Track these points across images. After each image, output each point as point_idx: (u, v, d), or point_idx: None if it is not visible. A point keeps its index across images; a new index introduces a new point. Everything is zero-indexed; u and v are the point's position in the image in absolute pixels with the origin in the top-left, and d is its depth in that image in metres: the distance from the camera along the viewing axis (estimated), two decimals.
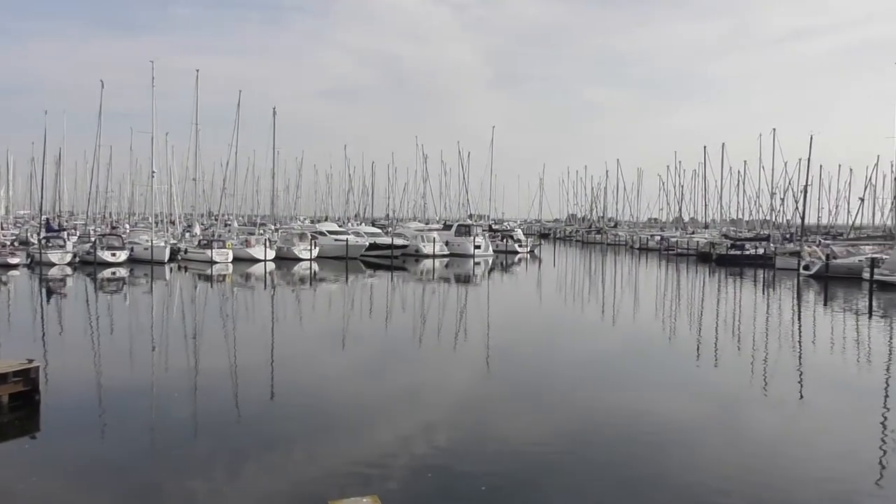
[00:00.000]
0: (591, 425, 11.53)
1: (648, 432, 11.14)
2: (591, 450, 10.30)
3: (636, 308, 29.42)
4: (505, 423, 11.62)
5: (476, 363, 16.84)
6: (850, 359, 18.82)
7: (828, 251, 43.30)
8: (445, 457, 9.85)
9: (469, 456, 9.91)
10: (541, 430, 11.19)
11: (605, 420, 11.83)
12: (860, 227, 67.71)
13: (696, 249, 61.19)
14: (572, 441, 10.71)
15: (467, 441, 10.58)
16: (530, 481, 8.98)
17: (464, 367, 16.49)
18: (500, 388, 14.22)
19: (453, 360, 17.55)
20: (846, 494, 8.77)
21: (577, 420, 11.83)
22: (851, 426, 11.88)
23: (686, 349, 19.54)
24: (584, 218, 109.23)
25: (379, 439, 10.56)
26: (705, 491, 8.77)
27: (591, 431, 11.18)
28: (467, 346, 19.52)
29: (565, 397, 13.41)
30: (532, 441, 10.62)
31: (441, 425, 11.41)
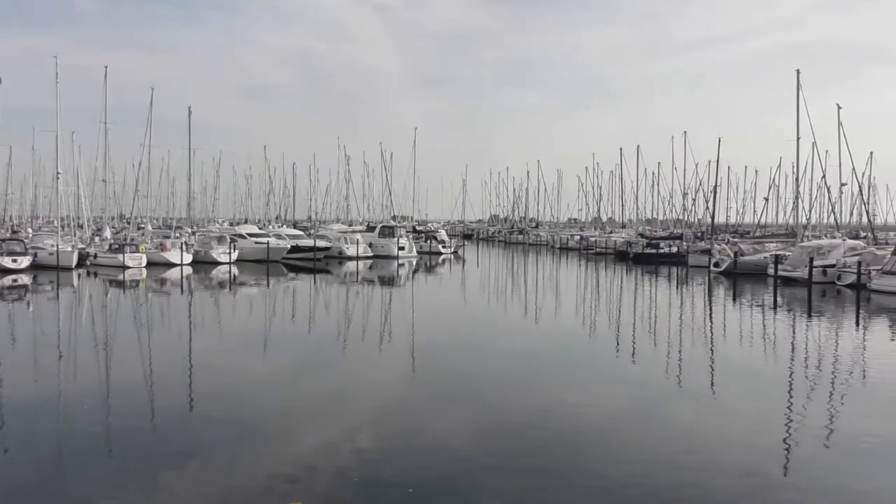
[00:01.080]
0: (515, 422, 11.65)
1: (570, 427, 11.36)
2: (515, 446, 10.40)
3: (558, 306, 30.02)
4: (431, 423, 11.60)
5: (401, 365, 16.76)
6: (757, 351, 19.79)
7: (736, 249, 45.42)
8: (371, 460, 9.73)
9: (395, 458, 9.83)
10: (466, 430, 11.22)
11: (529, 416, 11.98)
12: (765, 225, 71.45)
13: (614, 248, 63.07)
14: (497, 439, 10.79)
15: (393, 443, 10.50)
16: (457, 481, 8.99)
17: (389, 369, 16.39)
18: (426, 389, 14.20)
19: (378, 362, 17.41)
20: (756, 481, 9.16)
21: (501, 418, 11.93)
22: (760, 416, 12.46)
23: (606, 345, 20.07)
24: (507, 218, 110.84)
25: (302, 445, 10.34)
26: (625, 482, 8.99)
27: (515, 428, 11.29)
28: (392, 347, 19.42)
29: (490, 396, 13.51)
30: (458, 440, 10.64)
31: (366, 429, 11.28)
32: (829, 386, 14.98)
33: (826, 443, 10.92)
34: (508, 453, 10.10)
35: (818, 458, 10.18)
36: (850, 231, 57.78)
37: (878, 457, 10.14)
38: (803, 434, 11.35)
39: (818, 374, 16.31)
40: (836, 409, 13.18)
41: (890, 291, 31.09)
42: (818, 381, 15.48)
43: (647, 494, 8.66)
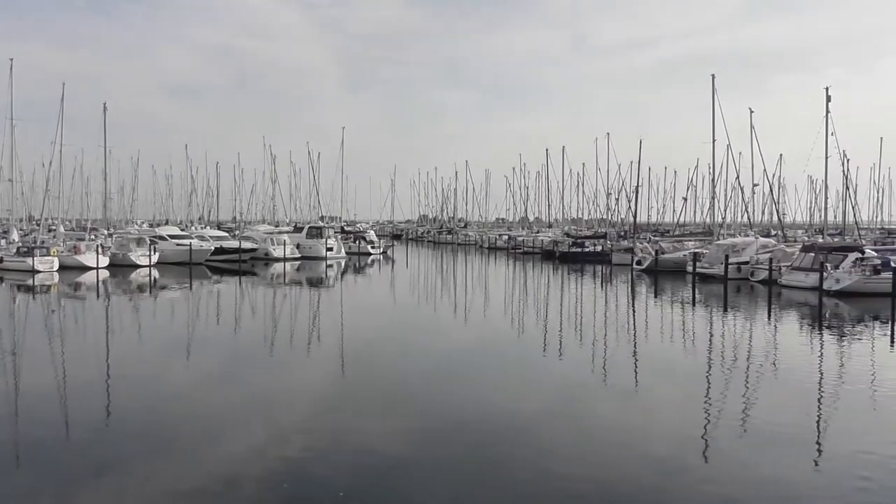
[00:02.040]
0: (446, 422, 11.68)
1: (500, 425, 11.48)
2: (447, 446, 10.44)
3: (487, 306, 30.31)
4: (361, 426, 11.49)
5: (330, 368, 16.56)
6: (677, 346, 20.54)
7: (657, 247, 46.98)
8: (301, 466, 9.58)
9: (325, 463, 9.71)
10: (397, 431, 11.18)
11: (459, 415, 12.03)
12: (684, 224, 74.24)
13: (541, 248, 64.14)
14: (428, 439, 10.80)
15: (323, 448, 10.36)
16: (389, 483, 8.95)
17: (317, 372, 16.16)
18: (356, 392, 14.07)
19: (306, 365, 17.15)
20: (678, 470, 9.51)
21: (431, 418, 11.94)
22: (680, 408, 12.92)
23: (534, 343, 20.38)
24: (436, 218, 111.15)
25: (228, 453, 10.06)
26: (555, 476, 9.16)
27: (446, 428, 11.33)
28: (321, 350, 19.16)
29: (420, 396, 13.52)
30: (389, 442, 10.59)
31: (295, 434, 11.08)
32: (744, 378, 15.67)
33: (741, 432, 11.42)
34: (440, 453, 10.12)
35: (734, 446, 10.62)
36: (762, 229, 60.65)
37: (789, 444, 10.66)
38: (720, 424, 11.84)
39: (734, 367, 17.04)
40: (751, 399, 13.80)
41: (798, 286, 32.80)
42: (734, 374, 16.18)
43: (577, 487, 8.84)
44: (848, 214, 55.67)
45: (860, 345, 20.44)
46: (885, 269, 30.36)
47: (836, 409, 13.12)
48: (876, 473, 9.29)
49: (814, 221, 74.40)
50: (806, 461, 9.86)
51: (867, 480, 9.04)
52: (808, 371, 16.31)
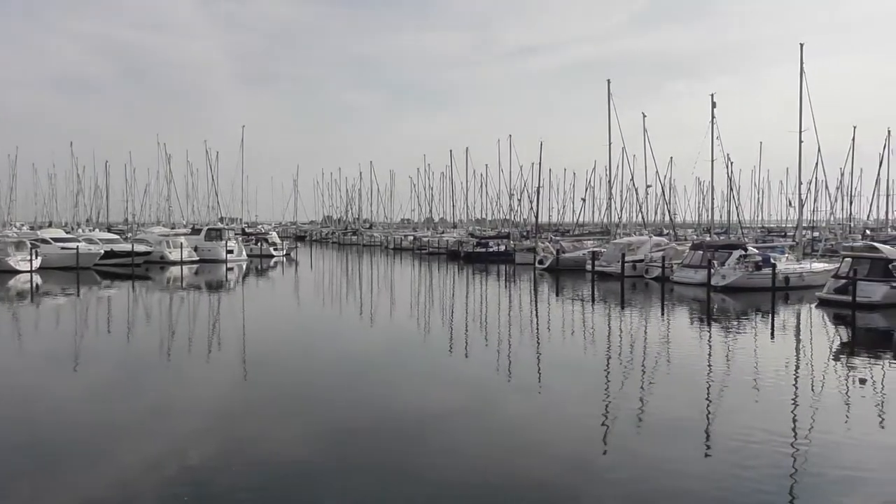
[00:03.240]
0: (352, 425, 11.55)
1: (407, 426, 11.49)
2: (353, 449, 10.32)
3: (393, 307, 30.25)
4: (263, 433, 11.19)
5: (231, 374, 16.02)
6: (578, 342, 21.20)
7: (558, 247, 48.39)
8: (202, 476, 9.22)
9: (228, 472, 9.39)
10: (301, 436, 10.97)
11: (365, 418, 11.93)
12: (583, 224, 76.75)
13: (446, 248, 64.69)
14: (333, 442, 10.64)
15: (225, 457, 10.01)
16: (294, 489, 8.75)
17: (217, 379, 15.61)
18: (257, 398, 13.67)
19: (205, 372, 16.53)
20: (580, 464, 9.84)
21: (337, 421, 11.78)
22: (582, 403, 13.35)
23: (439, 343, 20.50)
24: (340, 220, 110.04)
25: (123, 466, 9.56)
26: (462, 475, 9.24)
27: (352, 431, 11.21)
28: (221, 356, 18.53)
29: (324, 400, 13.31)
30: (293, 448, 10.37)
31: (195, 443, 10.66)
32: (641, 372, 16.36)
33: (638, 424, 11.92)
34: (347, 457, 10.00)
35: (632, 439, 11.07)
36: (655, 228, 63.53)
37: (682, 434, 11.22)
38: (619, 417, 12.32)
39: (631, 362, 17.77)
40: (647, 392, 14.42)
41: (688, 283, 34.62)
42: (631, 368, 16.87)
43: (484, 485, 8.96)
44: (732, 214, 59.28)
45: (745, 337, 21.78)
46: (766, 265, 32.55)
47: (724, 399, 13.90)
48: (759, 461, 9.92)
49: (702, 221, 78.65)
50: (697, 450, 10.39)
51: (752, 469, 9.64)
52: (699, 364, 17.22)
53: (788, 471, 9.42)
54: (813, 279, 32.30)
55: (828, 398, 13.89)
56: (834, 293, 27.51)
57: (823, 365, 17.50)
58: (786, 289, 31.70)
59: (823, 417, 12.28)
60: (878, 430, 11.55)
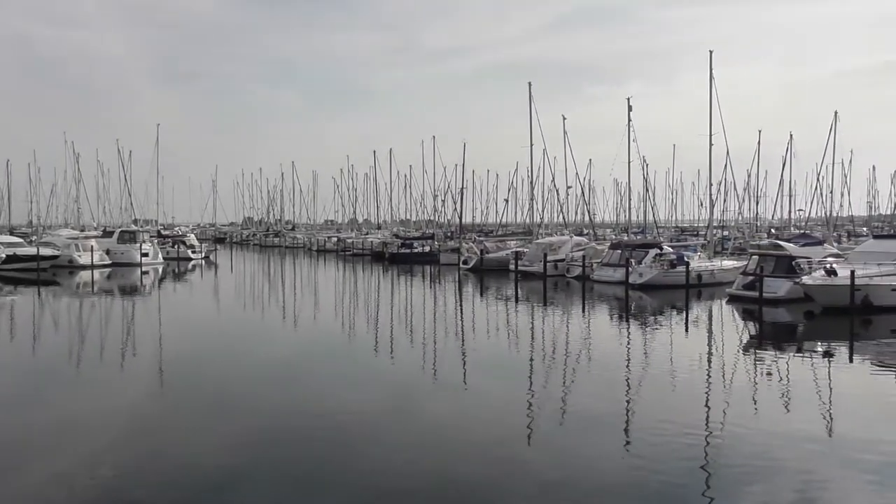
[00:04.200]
0: (276, 430, 11.33)
1: (333, 428, 11.34)
2: (277, 455, 10.11)
3: (317, 309, 29.83)
4: (184, 441, 10.82)
5: (147, 382, 15.40)
6: (502, 341, 21.48)
7: (482, 247, 48.84)
8: (117, 487, 8.83)
9: (145, 482, 9.02)
10: (224, 443, 10.66)
11: (291, 421, 11.74)
12: (506, 224, 77.76)
13: (370, 249, 64.30)
14: (257, 449, 10.39)
15: (142, 467, 9.62)
16: (216, 494, 8.49)
17: (132, 387, 14.98)
18: (176, 406, 13.22)
19: (119, 381, 15.85)
20: (505, 459, 9.97)
21: (260, 428, 11.52)
22: (507, 400, 13.52)
23: (365, 345, 20.37)
24: (262, 221, 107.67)
25: (33, 479, 9.04)
26: (390, 475, 9.21)
27: (276, 436, 10.99)
28: (136, 364, 17.79)
29: (247, 406, 12.98)
30: (215, 456, 10.07)
31: (109, 454, 10.19)
32: (563, 368, 16.73)
33: (561, 419, 12.18)
34: (272, 464, 9.77)
35: (555, 433, 11.32)
36: (576, 229, 65.06)
37: (603, 427, 11.53)
38: (543, 413, 12.55)
39: (554, 358, 18.15)
40: (569, 387, 14.75)
41: (608, 281, 35.62)
42: (554, 364, 17.23)
43: (412, 484, 8.96)
44: (648, 214, 61.39)
45: (661, 333, 22.60)
46: (680, 264, 33.86)
47: (642, 392, 14.37)
48: (675, 452, 10.32)
49: (620, 221, 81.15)
50: (617, 443, 10.69)
51: (668, 459, 10.02)
52: (618, 359, 17.73)
53: (702, 461, 9.82)
54: (723, 276, 33.82)
55: (738, 390, 14.57)
56: (742, 289, 28.88)
57: (734, 358, 18.34)
58: (698, 286, 33.06)
59: (734, 408, 12.87)
60: (785, 419, 12.20)
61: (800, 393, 14.19)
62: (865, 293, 24.17)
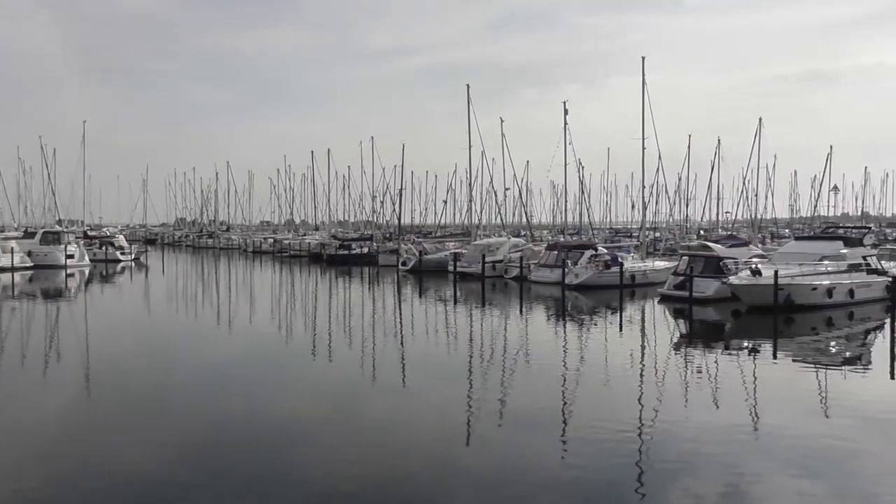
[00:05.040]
0: (211, 436, 11.06)
1: (271, 434, 11.14)
2: (214, 460, 9.88)
3: (253, 312, 29.24)
4: (115, 450, 10.43)
5: (73, 389, 14.78)
6: (441, 342, 21.53)
7: (421, 248, 48.86)
8: (42, 499, 8.44)
9: (72, 493, 8.67)
10: (158, 452, 10.32)
11: (226, 427, 11.46)
12: (445, 225, 78.11)
13: (308, 251, 63.47)
14: (193, 457, 10.13)
15: (70, 477, 9.23)
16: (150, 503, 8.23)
17: (57, 396, 14.34)
18: (106, 412, 12.74)
19: (43, 389, 15.15)
20: (445, 460, 10.00)
21: (196, 434, 11.22)
22: (446, 401, 13.55)
23: (303, 348, 20.07)
24: (195, 222, 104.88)
25: None
26: (329, 479, 9.11)
27: (212, 441, 10.73)
28: (61, 371, 17.06)
29: (182, 412, 12.62)
30: (149, 464, 9.73)
31: (30, 466, 9.72)
32: (501, 368, 16.88)
33: (499, 419, 12.29)
34: (208, 472, 9.53)
35: (493, 432, 11.42)
36: (514, 230, 65.95)
37: (540, 427, 11.70)
38: (482, 413, 12.63)
39: (492, 359, 18.31)
40: (507, 388, 14.91)
41: (545, 282, 36.14)
42: (492, 365, 17.38)
43: (352, 487, 8.88)
44: (583, 216, 62.62)
45: (596, 332, 23.09)
46: (614, 264, 34.65)
47: (578, 391, 14.66)
48: (610, 448, 10.55)
49: (556, 222, 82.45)
50: (554, 441, 10.86)
51: (603, 456, 10.24)
52: (555, 359, 18.01)
53: (635, 458, 10.07)
54: (655, 276, 34.79)
55: (670, 387, 15.00)
56: (673, 289, 29.77)
57: (665, 356, 18.89)
58: (632, 286, 33.90)
59: (667, 405, 13.25)
60: (714, 415, 12.63)
61: (728, 389, 14.73)
62: (788, 292, 25.27)
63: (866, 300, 27.08)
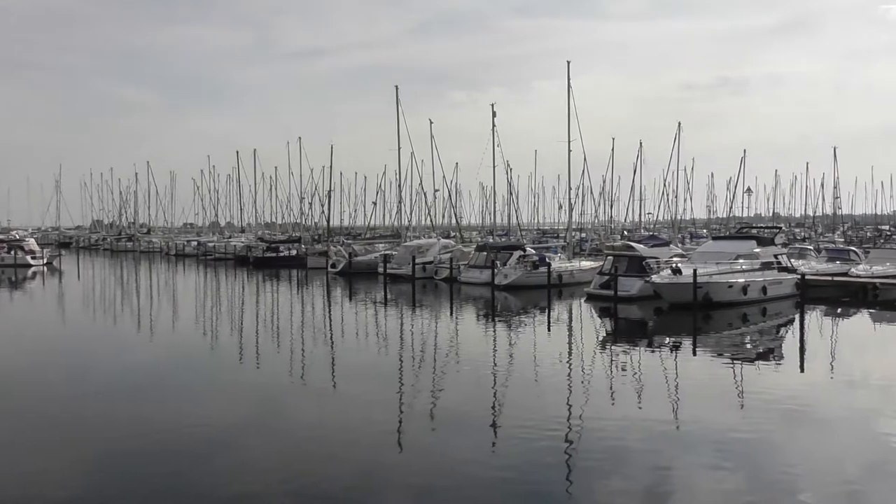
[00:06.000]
0: (134, 446, 10.61)
1: (198, 443, 10.82)
2: (136, 471, 9.49)
3: (176, 317, 28.31)
4: (26, 462, 9.87)
5: None
6: (371, 344, 21.38)
7: (350, 250, 48.42)
8: None
9: None
10: (74, 462, 9.84)
11: (149, 437, 11.01)
12: (374, 227, 77.68)
13: (233, 254, 61.94)
14: (114, 469, 9.69)
15: None
16: None
17: None
18: (16, 425, 12.03)
19: None
20: (376, 466, 9.91)
21: (117, 446, 10.73)
22: (378, 405, 13.44)
23: (229, 353, 19.55)
24: (113, 224, 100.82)
25: None
26: (258, 487, 8.88)
27: (134, 452, 10.30)
28: None
29: (101, 423, 12.06)
30: (63, 476, 9.26)
31: None
32: (432, 370, 16.90)
33: (431, 422, 12.29)
34: (129, 484, 9.14)
35: (425, 434, 11.42)
36: (443, 231, 66.21)
37: (472, 428, 11.77)
38: (413, 417, 12.60)
39: (423, 361, 18.30)
40: (439, 390, 14.93)
41: (475, 283, 36.42)
42: (423, 367, 17.38)
43: (285, 491, 8.71)
44: (512, 217, 63.52)
45: (525, 332, 23.42)
46: (542, 264, 35.24)
47: (508, 391, 14.82)
48: (540, 446, 10.72)
49: (485, 223, 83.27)
50: (485, 442, 10.95)
51: (533, 453, 10.39)
52: (485, 359, 18.14)
53: (564, 455, 10.26)
54: (582, 276, 35.58)
55: (596, 384, 15.36)
56: (599, 288, 30.52)
57: (592, 354, 19.33)
58: (559, 285, 34.56)
59: (593, 402, 13.57)
60: (638, 410, 13.01)
61: (651, 385, 15.19)
62: (706, 290, 26.30)
63: (778, 297, 28.49)
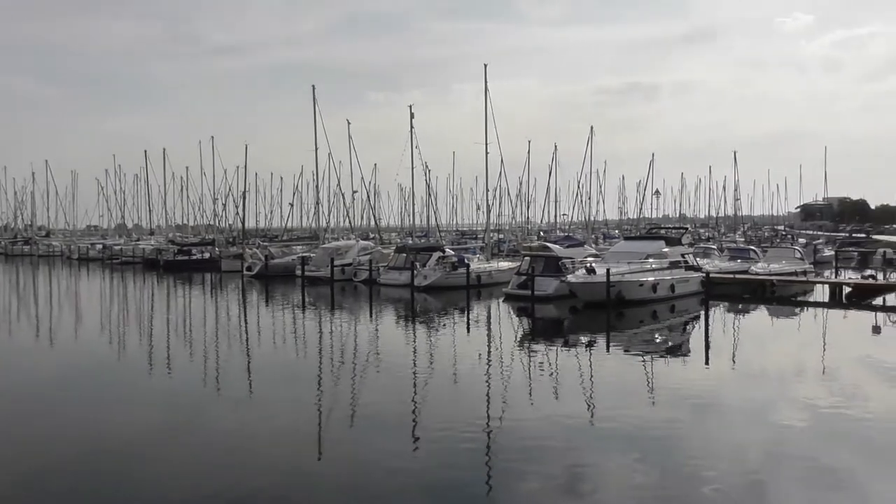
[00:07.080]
0: (40, 462, 10.01)
1: (109, 455, 10.33)
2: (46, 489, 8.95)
3: (79, 325, 26.91)
4: None
5: None
6: (289, 348, 21.00)
7: (266, 253, 47.36)
8: None
9: None
10: None
11: (55, 451, 10.43)
12: (291, 229, 76.28)
13: (142, 257, 59.49)
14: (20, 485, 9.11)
15: None
16: None
17: None
18: None
19: None
20: (294, 470, 9.73)
21: (22, 461, 10.11)
22: (296, 409, 13.22)
23: (138, 361, 18.73)
24: (7, 227, 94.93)
25: None
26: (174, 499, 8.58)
27: (40, 467, 9.72)
28: None
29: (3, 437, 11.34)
30: None
31: None
32: (352, 373, 16.75)
33: (351, 424, 12.20)
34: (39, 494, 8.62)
35: (345, 439, 11.30)
36: (362, 233, 65.75)
37: (392, 428, 11.76)
38: (332, 419, 12.48)
39: (342, 364, 18.12)
40: (358, 392, 14.82)
41: (394, 284, 36.34)
42: (342, 370, 17.21)
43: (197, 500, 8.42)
44: (431, 218, 63.72)
45: (445, 333, 23.54)
46: (461, 266, 35.55)
47: (428, 392, 14.87)
48: (460, 446, 10.81)
49: (404, 225, 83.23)
50: (406, 445, 10.94)
51: (454, 454, 10.49)
52: (405, 361, 18.14)
53: (484, 454, 10.39)
54: (500, 276, 36.10)
55: (515, 383, 15.61)
56: (517, 288, 31.05)
57: (510, 353, 19.63)
58: (478, 286, 34.95)
59: (512, 400, 13.78)
60: (556, 407, 13.30)
61: (568, 382, 15.59)
62: (619, 289, 27.21)
63: (685, 294, 29.80)
